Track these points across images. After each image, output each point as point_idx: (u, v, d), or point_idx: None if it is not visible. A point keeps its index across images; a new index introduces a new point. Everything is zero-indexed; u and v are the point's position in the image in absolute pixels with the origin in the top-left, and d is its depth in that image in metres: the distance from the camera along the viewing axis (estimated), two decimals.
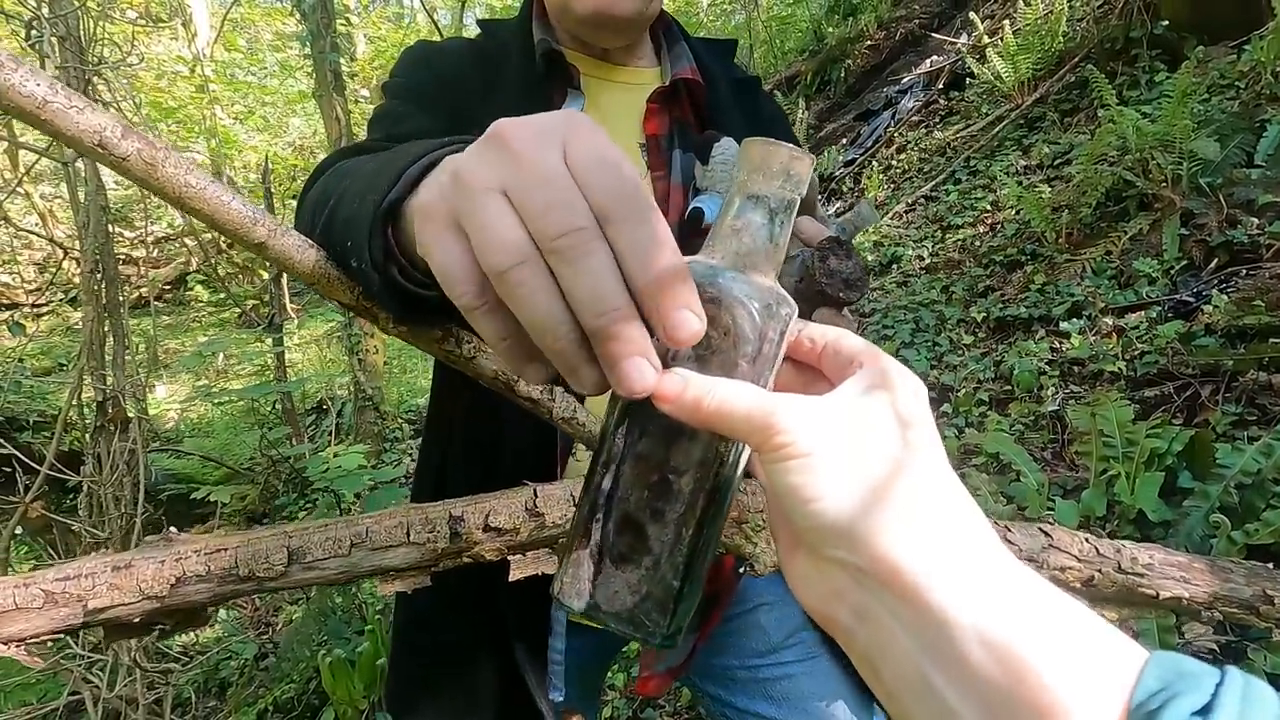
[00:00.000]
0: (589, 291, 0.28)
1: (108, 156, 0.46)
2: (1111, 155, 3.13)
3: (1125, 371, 2.27)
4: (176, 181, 0.48)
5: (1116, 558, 0.77)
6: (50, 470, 1.60)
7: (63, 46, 1.57)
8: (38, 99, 0.42)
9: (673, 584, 0.33)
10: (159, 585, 0.58)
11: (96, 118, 0.45)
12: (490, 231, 0.28)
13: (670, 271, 0.28)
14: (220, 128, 8.64)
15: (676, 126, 0.82)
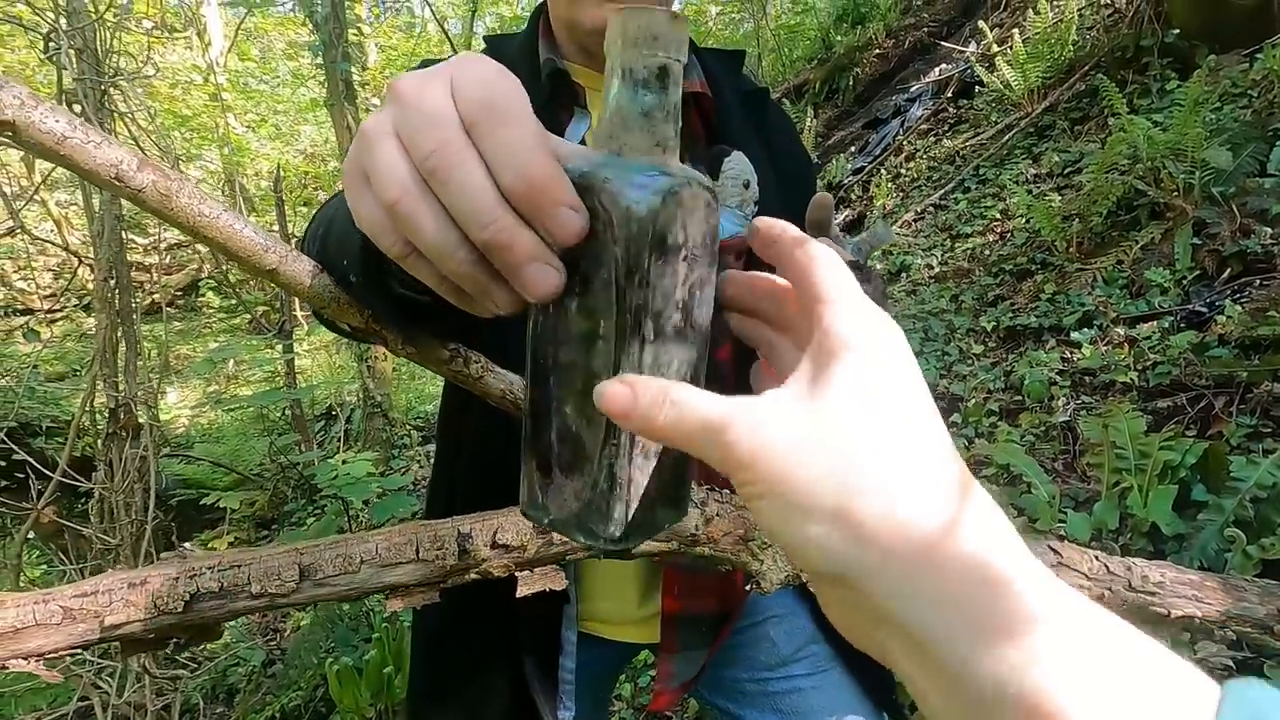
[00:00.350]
0: (467, 205, 0.28)
1: (124, 189, 0.47)
2: (1122, 164, 3.11)
3: (1137, 382, 2.25)
4: (190, 211, 0.49)
5: (1127, 576, 0.76)
6: (63, 478, 1.61)
7: (79, 58, 1.60)
8: (57, 135, 0.43)
9: (609, 487, 0.32)
10: (174, 602, 0.59)
11: (113, 152, 0.45)
12: (377, 171, 0.29)
13: (539, 170, 0.27)
14: (233, 136, 8.73)
15: (686, 140, 0.82)
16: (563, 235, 0.28)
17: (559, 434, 0.33)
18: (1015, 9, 5.49)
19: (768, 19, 10.09)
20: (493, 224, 0.28)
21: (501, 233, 0.28)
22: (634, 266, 0.30)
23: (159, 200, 0.50)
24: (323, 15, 3.77)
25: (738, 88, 0.88)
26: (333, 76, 3.95)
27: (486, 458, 0.78)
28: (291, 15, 10.18)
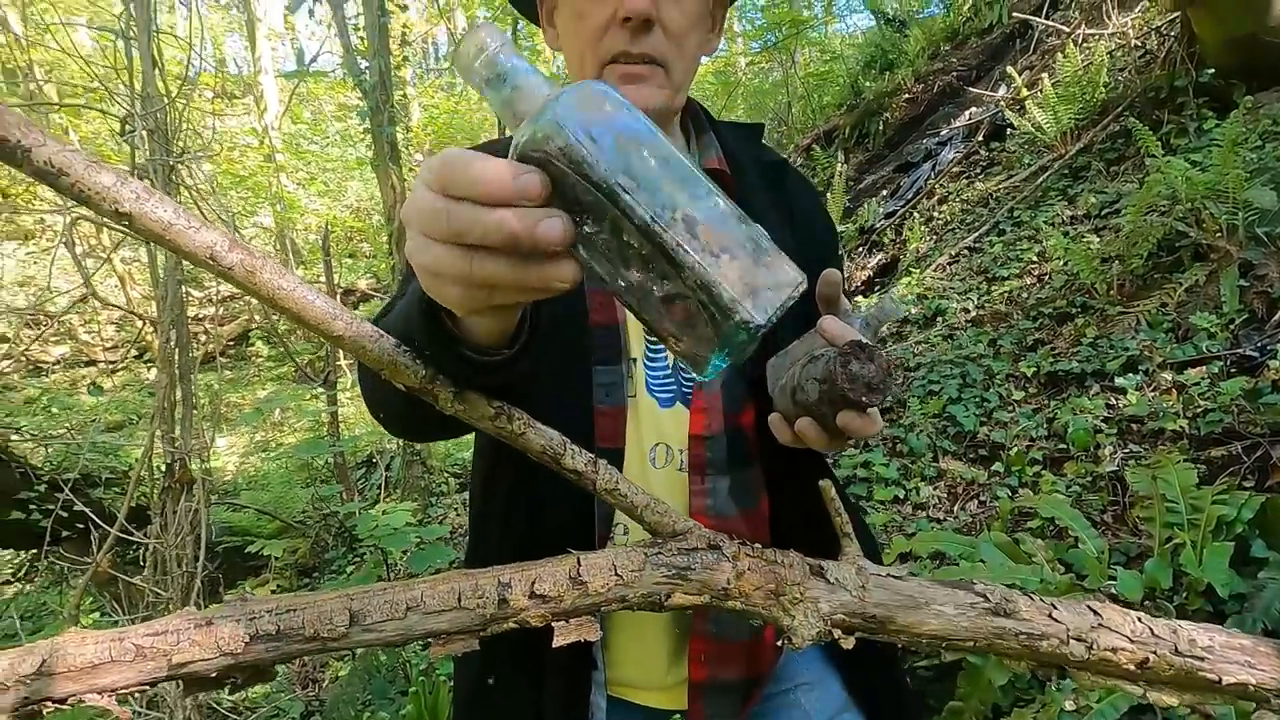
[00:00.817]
0: (478, 232, 0.37)
1: (216, 267, 0.52)
2: (1162, 205, 3.07)
3: (1188, 430, 2.18)
4: (271, 285, 0.54)
5: (1173, 639, 0.74)
6: (120, 532, 1.69)
7: (151, 139, 1.74)
8: (164, 223, 0.48)
9: (713, 300, 0.38)
10: (235, 643, 0.62)
11: (209, 235, 0.51)
12: (429, 265, 0.41)
13: (489, 180, 0.36)
14: (285, 194, 9.19)
15: None
16: (533, 193, 0.37)
17: (660, 307, 0.40)
18: (1045, 52, 5.53)
19: (796, 67, 10.32)
20: (496, 226, 0.36)
21: (504, 224, 0.36)
22: (589, 168, 0.37)
23: (244, 276, 0.56)
24: (371, 84, 4.00)
25: (758, 159, 0.91)
26: (379, 139, 4.17)
27: (520, 513, 0.80)
28: (341, 80, 10.80)
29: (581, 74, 0.80)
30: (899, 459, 2.89)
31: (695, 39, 0.80)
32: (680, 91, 0.81)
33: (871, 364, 0.59)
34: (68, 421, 3.93)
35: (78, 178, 0.44)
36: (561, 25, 0.82)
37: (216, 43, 15.40)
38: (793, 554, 0.71)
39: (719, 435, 0.79)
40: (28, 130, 0.43)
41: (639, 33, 0.74)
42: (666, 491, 0.80)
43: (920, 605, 0.72)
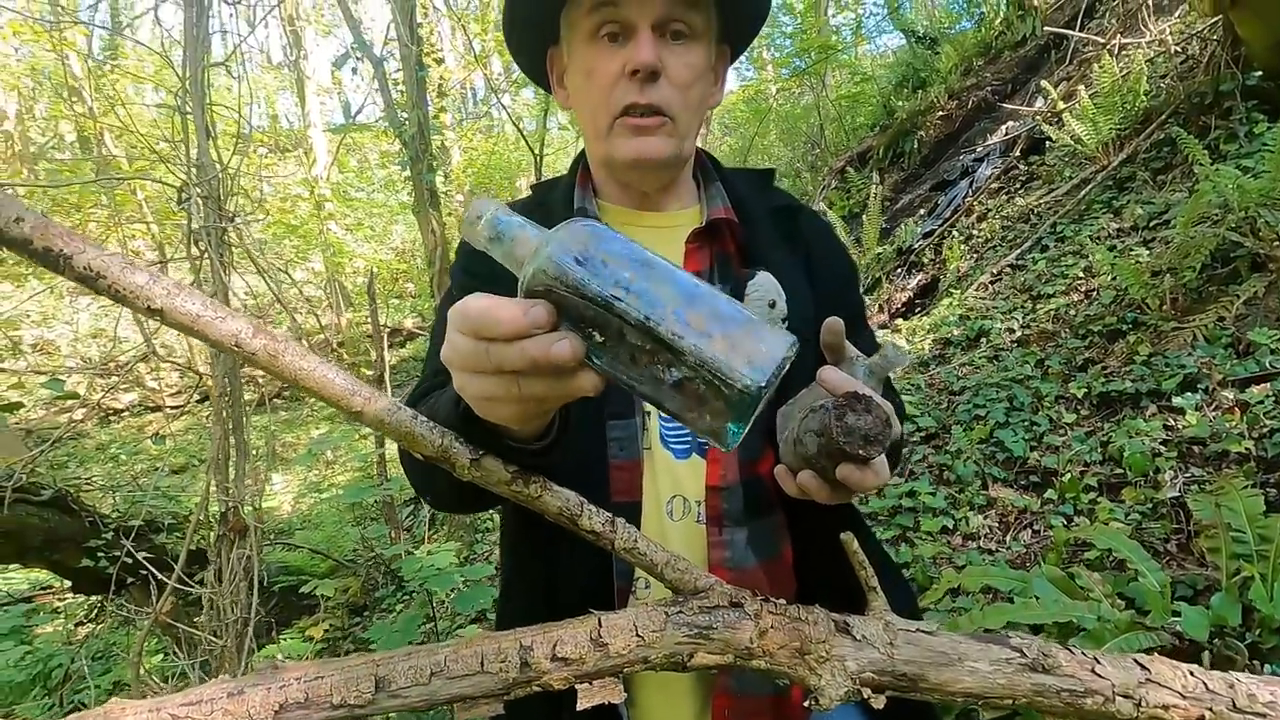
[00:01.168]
0: (514, 359, 0.45)
1: (241, 353, 0.56)
2: (1213, 214, 2.96)
3: (1254, 452, 2.06)
4: (293, 367, 0.57)
5: (1230, 694, 0.70)
6: (177, 584, 1.76)
7: (205, 206, 1.85)
8: (193, 315, 0.52)
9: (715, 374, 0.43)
10: (265, 712, 0.64)
11: (234, 324, 0.54)
12: (474, 392, 0.51)
13: (505, 322, 0.44)
14: (334, 239, 9.58)
15: (718, 261, 0.86)
16: (542, 321, 0.44)
17: (675, 394, 0.45)
18: (1081, 62, 5.42)
19: (828, 90, 10.34)
20: (520, 354, 0.44)
21: (526, 352, 0.44)
22: (584, 287, 0.43)
23: (268, 360, 0.59)
24: (409, 134, 4.17)
25: (769, 205, 0.92)
26: (419, 186, 4.32)
27: (539, 572, 0.81)
28: (386, 129, 11.27)
29: (594, 127, 0.83)
30: (946, 487, 2.80)
31: (699, 91, 0.82)
32: (687, 140, 0.84)
33: (869, 415, 0.58)
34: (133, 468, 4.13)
35: (114, 279, 0.48)
36: (572, 85, 0.86)
37: (270, 100, 16.28)
38: (818, 610, 0.70)
39: (735, 486, 0.79)
40: (69, 240, 0.47)
41: (646, 83, 0.77)
42: (685, 544, 0.80)
43: (953, 662, 0.70)
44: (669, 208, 0.90)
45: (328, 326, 8.83)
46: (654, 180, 0.87)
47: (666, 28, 0.77)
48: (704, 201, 0.90)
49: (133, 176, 3.99)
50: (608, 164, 0.86)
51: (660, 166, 0.83)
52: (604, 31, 0.78)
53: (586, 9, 0.78)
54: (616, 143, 0.81)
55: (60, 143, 9.72)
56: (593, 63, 0.79)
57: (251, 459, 2.46)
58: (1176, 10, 4.82)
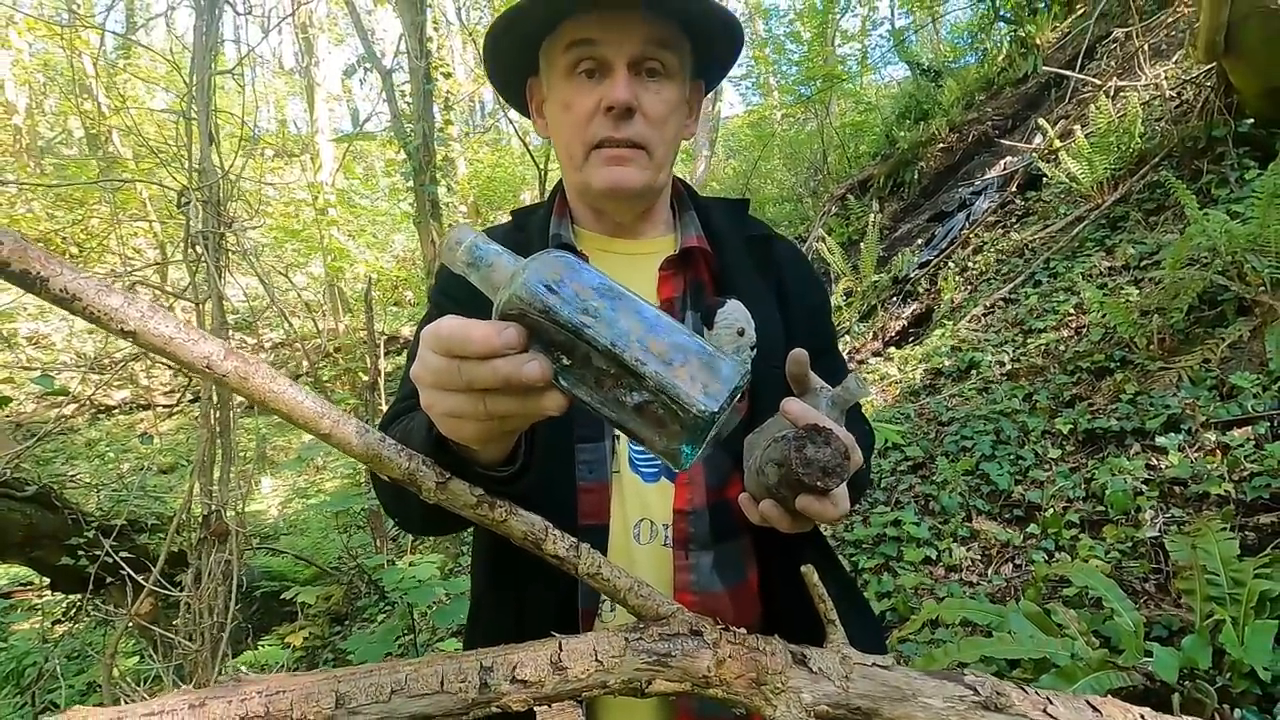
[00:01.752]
0: (484, 381, 0.47)
1: (212, 375, 0.57)
2: (1202, 257, 3.00)
3: (1234, 494, 2.08)
4: (264, 389, 0.59)
5: None
6: (155, 586, 1.76)
7: (205, 210, 1.88)
8: (166, 337, 0.54)
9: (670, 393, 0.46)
10: None
11: (206, 346, 0.56)
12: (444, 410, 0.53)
13: (477, 341, 0.46)
14: (335, 245, 9.61)
15: (691, 289, 0.87)
16: (514, 342, 0.46)
17: (636, 417, 0.48)
18: (1079, 102, 5.51)
19: (831, 117, 10.46)
20: (492, 372, 0.47)
21: (498, 370, 0.46)
22: (555, 313, 0.46)
23: (239, 381, 0.60)
24: (415, 147, 4.22)
25: (742, 234, 0.94)
26: (421, 197, 4.37)
27: (505, 596, 0.82)
28: (393, 139, 11.36)
29: (570, 158, 0.86)
30: (931, 517, 2.81)
31: (673, 125, 0.85)
32: (662, 171, 0.86)
33: (828, 447, 0.60)
34: (120, 467, 4.11)
35: (89, 302, 0.50)
36: (550, 116, 0.88)
37: (279, 105, 16.41)
38: (776, 641, 0.71)
39: (702, 510, 0.80)
40: (46, 263, 0.49)
41: (621, 119, 0.80)
42: (651, 567, 0.81)
43: (907, 697, 0.71)
44: (644, 235, 0.92)
45: (325, 332, 8.83)
46: (628, 209, 0.89)
47: (642, 66, 0.80)
48: (678, 230, 0.92)
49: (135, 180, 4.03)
50: (583, 193, 0.88)
51: (634, 196, 0.85)
52: (581, 69, 0.81)
53: (564, 46, 0.81)
54: (592, 172, 0.83)
55: (69, 138, 9.78)
56: (570, 97, 0.82)
57: (239, 462, 2.46)
58: (1173, 56, 4.91)
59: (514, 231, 0.94)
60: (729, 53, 0.92)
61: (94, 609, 2.80)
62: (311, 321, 7.82)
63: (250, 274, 2.74)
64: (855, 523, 2.94)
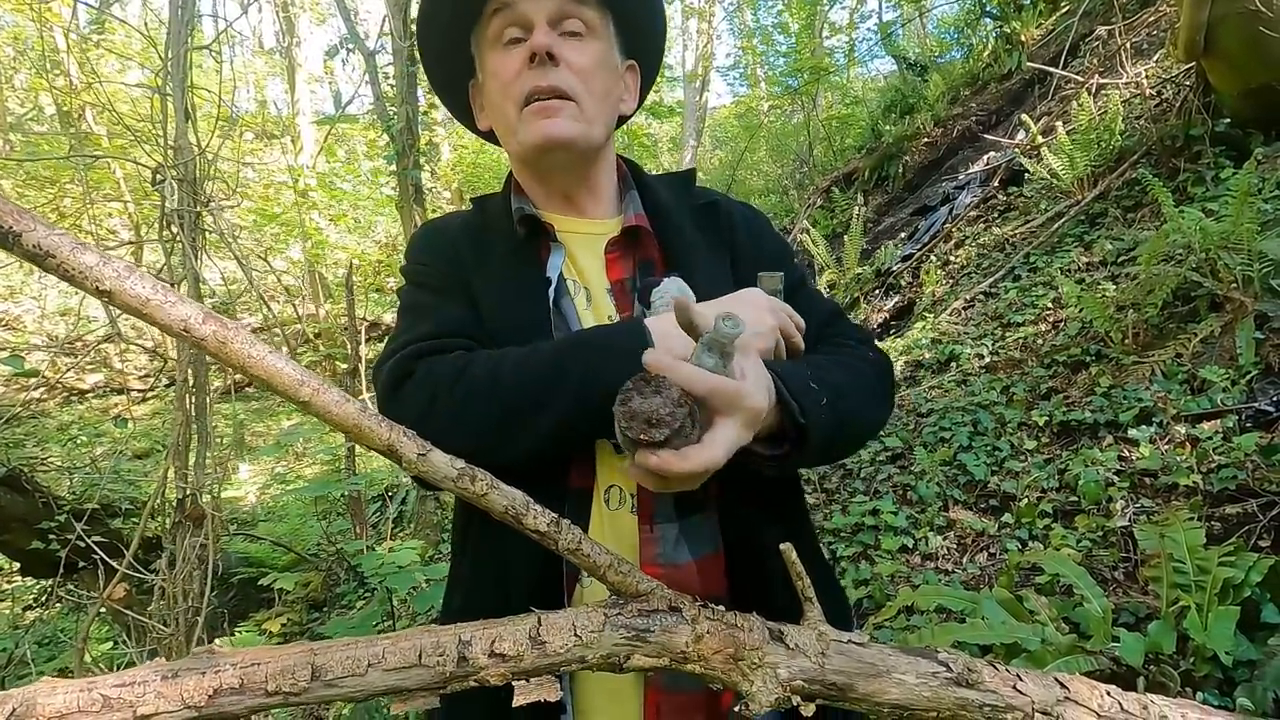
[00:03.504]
0: None
1: (190, 337, 0.56)
2: (1177, 254, 3.05)
3: (1202, 486, 2.13)
4: (242, 354, 0.58)
5: (1143, 715, 0.73)
6: (128, 570, 1.74)
7: (180, 188, 1.84)
8: (143, 298, 0.53)
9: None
10: (199, 696, 0.64)
11: (184, 309, 0.55)
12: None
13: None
14: (314, 230, 9.47)
15: (640, 268, 0.87)
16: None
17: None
18: (1062, 99, 5.56)
19: (818, 110, 10.48)
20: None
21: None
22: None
23: (217, 345, 0.60)
24: (398, 129, 4.16)
25: (690, 204, 0.95)
26: (404, 182, 4.31)
27: (489, 570, 0.82)
28: (376, 122, 11.19)
29: (506, 125, 0.88)
30: (908, 507, 2.85)
31: (601, 81, 0.87)
32: (594, 125, 0.86)
33: (657, 396, 0.57)
34: (94, 451, 4.04)
35: (64, 259, 0.49)
36: (486, 95, 0.91)
37: (259, 86, 16.10)
38: (753, 617, 0.71)
39: None
40: (19, 217, 0.48)
41: (544, 66, 0.82)
42: (618, 535, 0.81)
43: (881, 673, 0.72)
44: (592, 213, 0.93)
45: (305, 317, 8.72)
46: (565, 165, 0.88)
47: (560, 24, 0.84)
48: (621, 210, 0.93)
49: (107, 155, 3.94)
50: (523, 156, 0.89)
51: (568, 147, 0.85)
52: (507, 37, 0.84)
53: (487, 17, 0.85)
54: (525, 128, 0.84)
55: (40, 115, 9.54)
56: (498, 65, 0.85)
57: (218, 447, 2.43)
58: (1154, 55, 4.97)
59: (476, 215, 0.96)
60: (650, 24, 0.94)
61: (66, 594, 2.75)
62: (291, 307, 7.71)
63: (228, 257, 2.69)
64: (834, 511, 2.97)
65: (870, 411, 0.84)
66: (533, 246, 0.87)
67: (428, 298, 0.87)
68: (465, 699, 0.77)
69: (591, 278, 0.88)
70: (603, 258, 0.88)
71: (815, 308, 0.92)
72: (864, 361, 0.86)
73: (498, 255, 0.87)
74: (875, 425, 0.88)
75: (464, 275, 0.87)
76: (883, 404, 0.88)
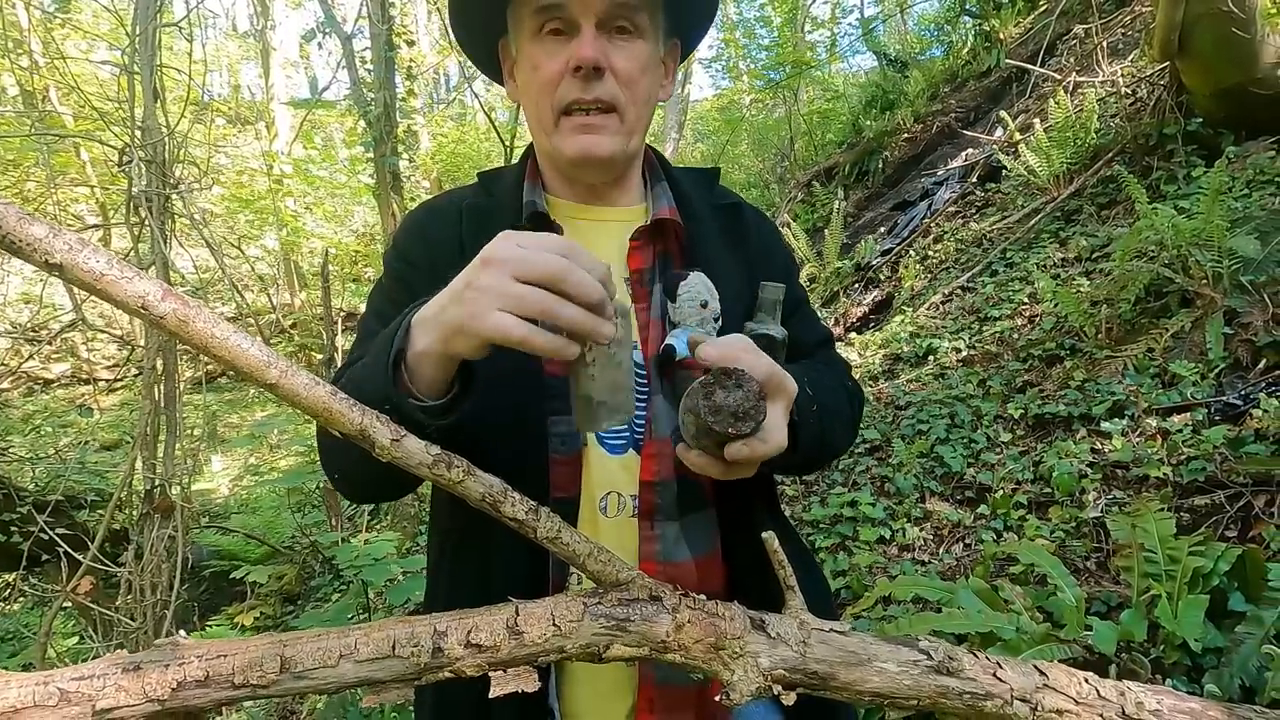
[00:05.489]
0: (585, 297, 0.58)
1: (149, 316, 0.53)
2: (1150, 250, 3.10)
3: (1172, 477, 2.17)
4: (204, 334, 0.55)
5: (1120, 701, 0.73)
6: (93, 562, 1.69)
7: (149, 170, 1.78)
8: (96, 273, 0.50)
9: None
10: (161, 689, 0.61)
11: (141, 285, 0.52)
12: (516, 294, 0.59)
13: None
14: (289, 218, 9.30)
15: (660, 260, 0.86)
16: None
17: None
18: (1039, 97, 5.63)
19: (799, 104, 10.51)
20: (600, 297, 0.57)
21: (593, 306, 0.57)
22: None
23: (177, 325, 0.57)
24: (375, 116, 4.09)
25: (713, 203, 0.94)
26: (381, 169, 4.24)
27: (469, 568, 0.81)
28: (353, 109, 11.00)
29: (539, 122, 0.84)
30: (886, 498, 2.87)
31: (646, 84, 0.83)
32: (634, 135, 0.84)
33: (740, 389, 0.59)
34: (59, 441, 3.93)
35: (9, 229, 0.46)
36: (520, 78, 0.86)
37: (233, 70, 15.75)
38: (735, 606, 0.71)
39: (669, 481, 0.80)
40: None
41: (590, 80, 0.78)
42: (618, 539, 0.80)
43: (863, 662, 0.72)
44: (617, 203, 0.90)
45: (280, 307, 8.57)
46: (599, 176, 0.87)
47: (611, 24, 0.78)
48: (650, 200, 0.91)
49: (72, 134, 3.82)
50: (554, 159, 0.86)
51: (606, 163, 0.83)
52: (548, 29, 0.78)
53: (532, 8, 0.78)
54: (562, 139, 0.81)
55: (1, 95, 9.23)
56: (538, 58, 0.79)
57: (189, 437, 2.37)
58: (1129, 54, 5.05)
59: (481, 196, 0.91)
60: (704, 11, 0.90)
61: (29, 588, 2.68)
62: (265, 296, 7.56)
63: (199, 244, 2.62)
64: (813, 503, 2.99)
65: (842, 436, 0.89)
66: None
67: (386, 309, 0.83)
68: (452, 698, 0.75)
69: (611, 265, 0.86)
70: (624, 245, 0.86)
71: (809, 331, 0.95)
72: (843, 388, 0.90)
73: None
74: (841, 450, 0.93)
75: (454, 258, 0.84)
76: (852, 431, 0.93)
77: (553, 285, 0.56)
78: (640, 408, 0.81)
